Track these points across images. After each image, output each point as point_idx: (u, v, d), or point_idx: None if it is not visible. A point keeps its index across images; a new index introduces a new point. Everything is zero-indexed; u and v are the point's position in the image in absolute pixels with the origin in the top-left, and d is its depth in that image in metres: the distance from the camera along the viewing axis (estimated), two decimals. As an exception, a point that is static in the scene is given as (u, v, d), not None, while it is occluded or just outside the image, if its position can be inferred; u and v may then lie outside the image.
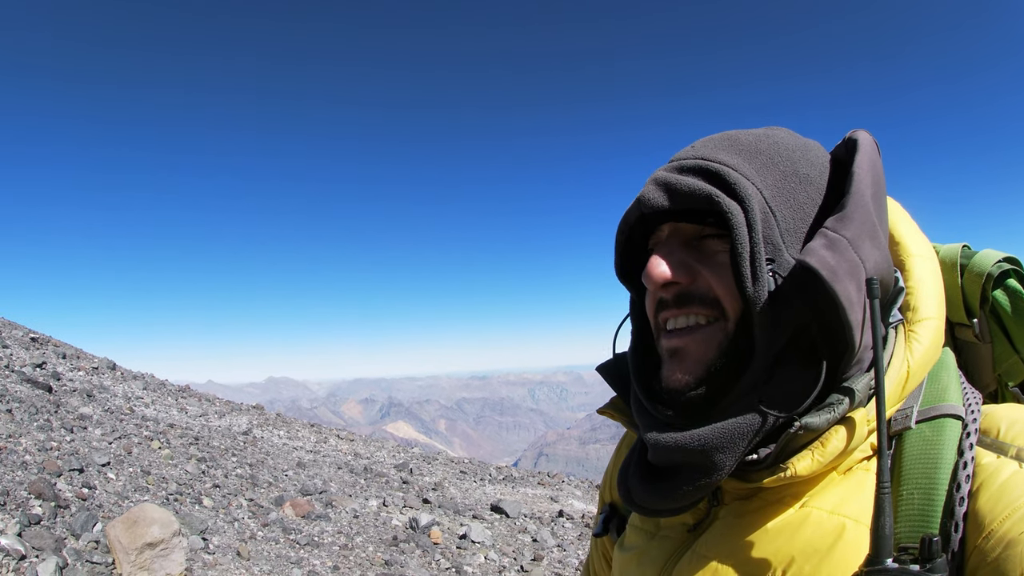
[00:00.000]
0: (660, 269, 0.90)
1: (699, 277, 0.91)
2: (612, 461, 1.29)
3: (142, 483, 6.54)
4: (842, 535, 0.82)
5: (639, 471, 0.97)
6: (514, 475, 13.22)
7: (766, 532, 0.88)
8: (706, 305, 0.90)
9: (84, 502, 5.45)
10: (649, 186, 0.94)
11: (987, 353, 1.08)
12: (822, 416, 0.83)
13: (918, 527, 0.80)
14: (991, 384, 1.09)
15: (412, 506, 8.89)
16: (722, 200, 0.86)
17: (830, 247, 0.83)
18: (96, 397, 9.53)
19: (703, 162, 0.91)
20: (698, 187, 0.88)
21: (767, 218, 0.88)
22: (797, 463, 0.84)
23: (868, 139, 0.97)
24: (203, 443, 9.13)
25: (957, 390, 0.92)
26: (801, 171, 0.93)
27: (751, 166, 0.91)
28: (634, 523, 1.12)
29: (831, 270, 0.81)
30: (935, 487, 0.81)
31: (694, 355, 0.91)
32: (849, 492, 0.86)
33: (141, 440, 8.05)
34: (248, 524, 6.63)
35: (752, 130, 0.99)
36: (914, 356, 0.89)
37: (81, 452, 6.57)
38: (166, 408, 11.09)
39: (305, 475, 9.30)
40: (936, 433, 0.86)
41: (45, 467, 5.72)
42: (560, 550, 8.18)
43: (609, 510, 1.23)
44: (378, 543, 7.11)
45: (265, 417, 13.52)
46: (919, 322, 0.92)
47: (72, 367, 11.03)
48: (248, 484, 7.94)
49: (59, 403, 8.23)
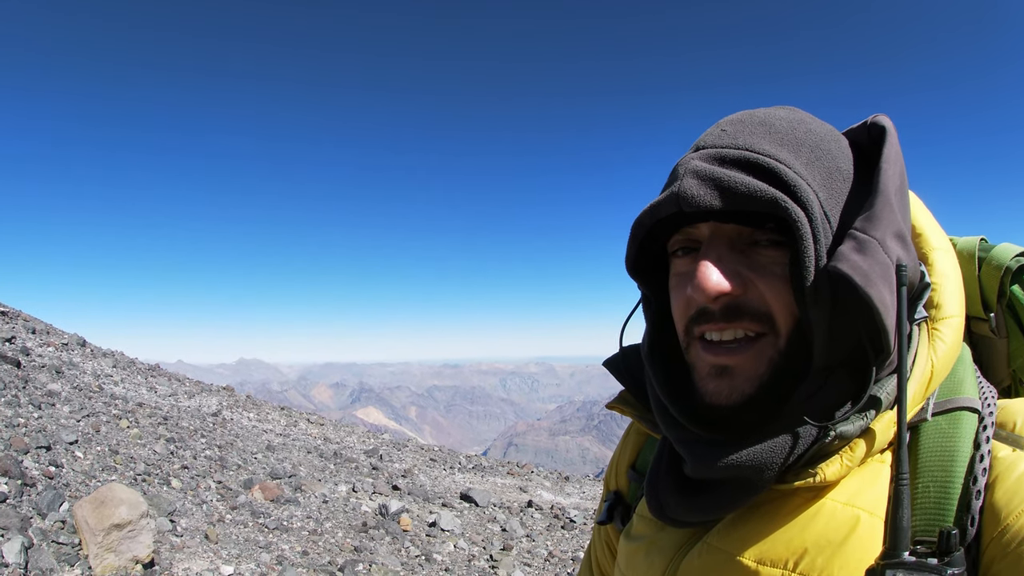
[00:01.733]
0: (715, 279, 0.82)
1: (751, 288, 0.84)
2: (619, 450, 1.25)
3: (110, 462, 6.47)
4: (856, 527, 0.81)
5: (672, 483, 0.94)
6: (484, 464, 13.25)
7: (779, 523, 0.85)
8: (756, 319, 0.84)
9: (51, 480, 5.39)
10: (691, 180, 0.84)
11: (1003, 348, 1.05)
12: (856, 424, 0.82)
13: (934, 520, 0.78)
14: (1006, 379, 1.06)
15: (382, 492, 8.89)
16: (790, 208, 0.80)
17: (860, 250, 0.79)
18: (65, 374, 9.40)
19: (750, 154, 0.84)
20: (759, 188, 0.81)
21: (824, 225, 0.82)
22: (827, 468, 0.82)
23: (892, 128, 0.92)
24: (172, 423, 9.05)
25: (973, 383, 0.91)
26: (843, 167, 0.88)
27: (799, 161, 0.85)
28: (642, 513, 1.08)
29: (864, 275, 0.77)
30: (951, 480, 0.80)
31: (746, 372, 0.85)
32: (863, 484, 0.84)
33: (110, 419, 7.96)
34: (217, 507, 6.60)
35: (777, 111, 0.92)
36: (938, 355, 0.87)
37: (49, 429, 6.48)
38: (135, 387, 10.97)
39: (274, 458, 9.26)
40: (952, 426, 0.85)
41: (12, 444, 5.65)
42: (529, 540, 8.24)
43: (614, 498, 1.19)
44: (347, 529, 7.11)
45: (235, 399, 13.42)
46: (943, 320, 0.90)
47: (42, 342, 10.86)
48: (217, 466, 7.89)
49: (27, 379, 8.11)
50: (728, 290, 0.83)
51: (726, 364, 0.86)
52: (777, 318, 0.84)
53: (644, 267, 0.99)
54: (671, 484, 0.94)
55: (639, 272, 0.99)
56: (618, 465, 1.24)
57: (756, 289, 0.84)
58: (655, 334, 1.01)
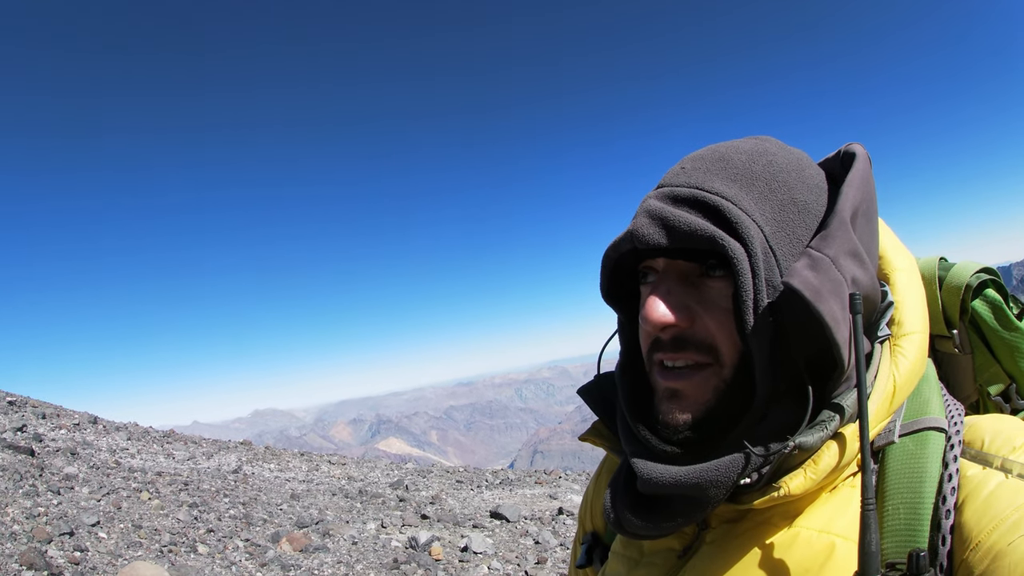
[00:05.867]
0: (659, 312, 0.87)
1: (697, 320, 0.88)
2: (592, 488, 1.26)
3: (134, 538, 6.46)
4: (832, 553, 0.82)
5: (627, 499, 0.95)
6: (511, 477, 13.23)
7: (756, 555, 0.87)
8: (701, 350, 0.88)
9: (77, 566, 5.38)
10: (643, 219, 0.89)
11: (968, 364, 1.08)
12: (815, 434, 0.82)
13: (905, 542, 0.80)
14: (973, 395, 1.09)
15: (411, 524, 8.87)
16: (727, 243, 0.83)
17: (813, 267, 0.82)
18: (80, 454, 9.39)
19: (699, 193, 0.88)
20: (699, 227, 0.85)
21: (768, 258, 0.86)
22: (790, 481, 0.84)
23: (863, 154, 0.96)
24: (193, 488, 9.04)
25: (939, 403, 0.93)
26: (799, 199, 0.91)
27: (749, 196, 0.88)
28: (616, 550, 1.09)
29: (815, 290, 0.80)
30: (921, 501, 0.82)
31: (692, 397, 0.89)
32: (837, 510, 0.86)
33: (130, 493, 7.96)
34: (246, 566, 6.58)
35: (742, 144, 0.96)
36: (900, 371, 0.89)
37: (70, 514, 6.48)
38: (152, 456, 10.96)
39: (300, 506, 9.24)
40: (920, 446, 0.87)
41: (34, 535, 5.64)
42: (563, 548, 8.19)
43: (592, 539, 1.19)
44: (379, 568, 7.08)
45: (254, 452, 13.40)
46: (904, 336, 0.92)
47: (53, 426, 10.85)
48: (242, 524, 7.88)
49: (43, 466, 8.10)
50: (672, 321, 0.87)
51: (676, 388, 0.90)
52: (721, 349, 0.88)
53: (618, 294, 1.03)
54: (627, 499, 0.95)
55: (614, 299, 1.03)
56: (592, 505, 1.23)
57: (702, 321, 0.88)
58: (629, 357, 1.04)
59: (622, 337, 1.06)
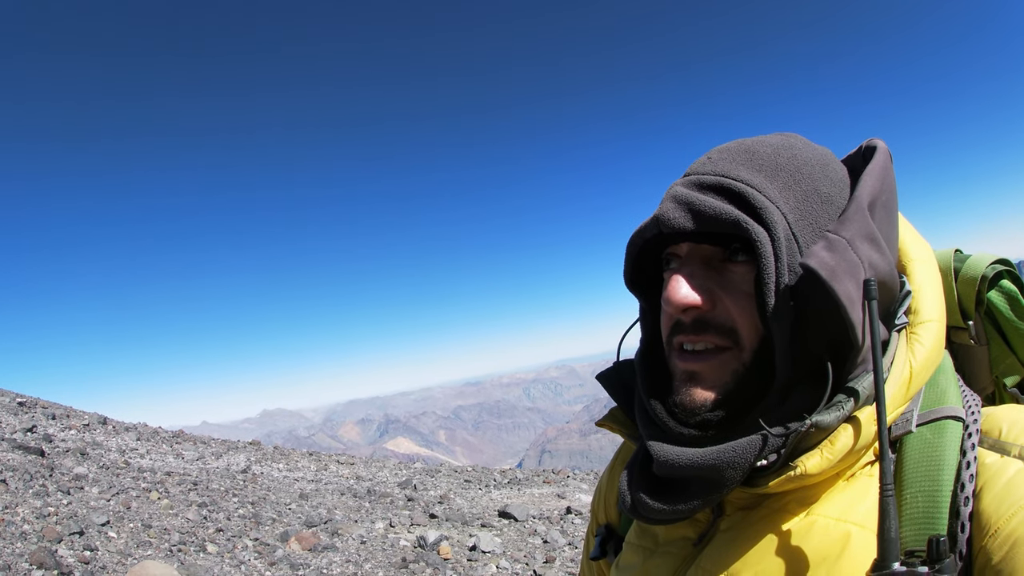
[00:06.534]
0: (682, 292, 0.89)
1: (719, 303, 0.90)
2: (605, 479, 1.26)
3: (144, 538, 6.48)
4: (849, 542, 0.82)
5: (643, 483, 0.95)
6: (519, 477, 13.22)
7: (772, 541, 0.87)
8: (721, 334, 0.89)
9: (87, 566, 5.40)
10: (668, 204, 0.91)
11: (983, 355, 1.08)
12: (832, 414, 0.83)
13: (923, 529, 0.80)
14: (988, 387, 1.09)
15: (419, 523, 8.87)
16: (751, 227, 0.85)
17: (829, 248, 0.83)
18: (90, 454, 9.43)
19: (724, 180, 0.90)
20: (724, 211, 0.87)
21: (790, 244, 0.87)
22: (807, 461, 0.84)
23: (883, 148, 0.98)
24: (202, 487, 9.06)
25: (956, 393, 0.93)
26: (822, 190, 0.92)
27: (773, 185, 0.90)
28: (631, 541, 1.09)
29: (830, 269, 0.81)
30: (939, 489, 0.82)
31: (711, 380, 0.90)
32: (854, 498, 0.87)
33: (139, 493, 7.98)
34: (255, 565, 6.59)
35: (768, 138, 0.97)
36: (916, 357, 0.89)
37: (79, 514, 6.50)
38: (161, 456, 11.00)
39: (308, 506, 9.25)
40: (937, 435, 0.87)
41: (44, 535, 5.67)
42: (571, 548, 8.19)
43: (606, 531, 1.20)
44: (387, 567, 7.09)
45: (263, 452, 13.43)
46: (920, 324, 0.92)
47: (63, 427, 10.91)
48: (251, 524, 7.89)
49: (53, 466, 8.13)
50: (695, 303, 0.89)
51: (694, 370, 0.91)
52: (741, 333, 0.89)
53: (641, 282, 1.04)
54: (643, 483, 0.96)
55: (637, 286, 1.05)
56: (606, 496, 1.24)
57: (724, 305, 0.90)
58: (649, 345, 1.05)
59: (643, 325, 1.07)
